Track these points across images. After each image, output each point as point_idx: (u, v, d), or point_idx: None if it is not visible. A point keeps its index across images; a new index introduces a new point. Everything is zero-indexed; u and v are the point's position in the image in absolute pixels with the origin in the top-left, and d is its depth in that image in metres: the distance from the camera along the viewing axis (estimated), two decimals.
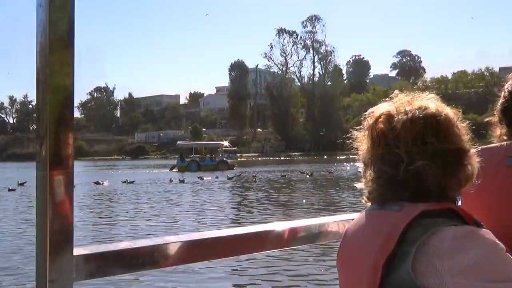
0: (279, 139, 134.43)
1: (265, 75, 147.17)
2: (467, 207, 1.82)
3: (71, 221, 1.54)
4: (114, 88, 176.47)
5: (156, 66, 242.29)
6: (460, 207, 1.78)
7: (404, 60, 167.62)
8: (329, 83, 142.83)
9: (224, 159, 66.95)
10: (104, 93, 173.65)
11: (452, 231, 1.61)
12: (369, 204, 1.86)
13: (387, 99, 1.87)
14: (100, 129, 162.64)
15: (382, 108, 1.84)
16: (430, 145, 1.72)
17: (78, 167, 76.37)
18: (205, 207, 24.63)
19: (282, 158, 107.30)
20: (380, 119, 1.81)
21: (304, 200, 26.24)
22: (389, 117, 1.79)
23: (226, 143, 78.23)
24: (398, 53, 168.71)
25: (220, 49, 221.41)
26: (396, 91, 1.89)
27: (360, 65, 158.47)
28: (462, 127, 1.82)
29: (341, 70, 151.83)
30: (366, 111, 1.86)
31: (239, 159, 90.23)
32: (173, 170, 61.96)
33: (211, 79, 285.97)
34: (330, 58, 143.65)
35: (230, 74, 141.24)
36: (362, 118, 1.86)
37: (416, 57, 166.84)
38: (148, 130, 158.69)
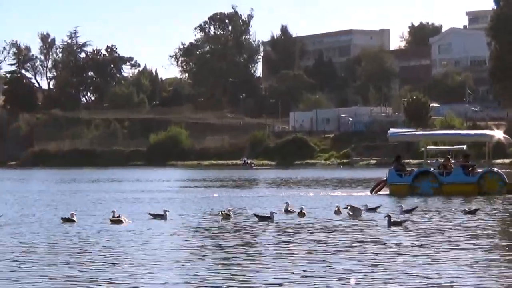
0: None
1: None
2: None
3: None
4: (250, 16, 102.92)
5: None
6: None
7: None
8: None
9: (495, 169, 41.60)
10: (230, 26, 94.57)
11: None
12: None
13: None
14: (219, 103, 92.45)
15: None
16: None
17: (156, 182, 57.43)
18: None
19: None
20: None
21: (352, 280, 15.82)
22: None
23: (500, 133, 45.34)
24: None
25: None
26: None
27: None
28: None
29: None
30: None
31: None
32: (377, 192, 39.78)
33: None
34: None
35: None
36: None
37: None
38: (318, 105, 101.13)
